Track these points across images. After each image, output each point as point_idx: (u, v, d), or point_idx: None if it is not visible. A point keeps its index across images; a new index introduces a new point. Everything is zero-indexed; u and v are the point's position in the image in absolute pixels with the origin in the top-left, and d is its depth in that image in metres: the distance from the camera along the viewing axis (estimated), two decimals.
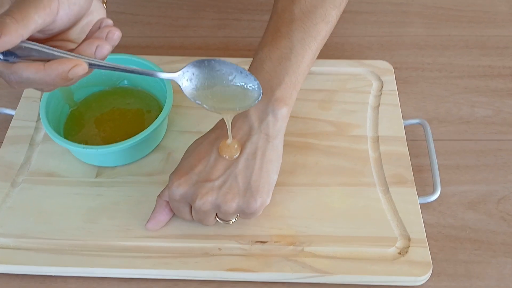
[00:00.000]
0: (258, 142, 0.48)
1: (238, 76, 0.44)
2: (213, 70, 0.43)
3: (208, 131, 0.50)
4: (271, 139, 0.48)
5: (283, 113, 0.48)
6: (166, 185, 0.51)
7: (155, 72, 0.42)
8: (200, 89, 0.44)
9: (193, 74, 0.44)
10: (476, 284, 0.51)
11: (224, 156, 0.47)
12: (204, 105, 0.44)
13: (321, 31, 0.51)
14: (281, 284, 0.50)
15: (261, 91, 0.44)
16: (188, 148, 0.50)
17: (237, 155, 0.47)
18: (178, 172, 0.49)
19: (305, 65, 0.50)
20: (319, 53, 0.53)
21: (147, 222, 0.51)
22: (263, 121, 0.48)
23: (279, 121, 0.48)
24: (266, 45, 0.50)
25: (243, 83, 0.44)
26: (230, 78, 0.44)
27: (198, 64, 0.43)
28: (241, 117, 0.48)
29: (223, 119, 0.48)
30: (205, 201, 0.47)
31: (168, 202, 0.51)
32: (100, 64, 0.40)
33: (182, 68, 0.44)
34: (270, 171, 0.48)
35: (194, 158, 0.49)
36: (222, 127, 0.49)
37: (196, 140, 0.50)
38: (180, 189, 0.48)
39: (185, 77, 0.43)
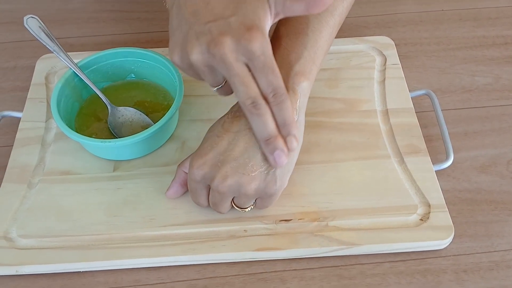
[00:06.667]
0: None
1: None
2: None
3: (228, 111, 0.50)
4: None
5: (304, 87, 0.48)
6: (188, 156, 0.51)
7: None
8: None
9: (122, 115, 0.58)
10: (496, 242, 0.52)
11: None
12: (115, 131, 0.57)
13: (337, 6, 0.51)
14: (308, 259, 0.51)
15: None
16: (209, 128, 0.50)
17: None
18: (200, 153, 0.48)
19: (324, 40, 0.50)
20: None
21: (167, 190, 0.53)
22: None
23: (300, 96, 0.47)
24: (281, 23, 0.50)
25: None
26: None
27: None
28: None
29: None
30: (225, 180, 0.46)
31: (186, 174, 0.51)
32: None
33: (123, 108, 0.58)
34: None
35: (215, 136, 0.48)
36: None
37: (217, 120, 0.50)
38: (202, 169, 0.47)
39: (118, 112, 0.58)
